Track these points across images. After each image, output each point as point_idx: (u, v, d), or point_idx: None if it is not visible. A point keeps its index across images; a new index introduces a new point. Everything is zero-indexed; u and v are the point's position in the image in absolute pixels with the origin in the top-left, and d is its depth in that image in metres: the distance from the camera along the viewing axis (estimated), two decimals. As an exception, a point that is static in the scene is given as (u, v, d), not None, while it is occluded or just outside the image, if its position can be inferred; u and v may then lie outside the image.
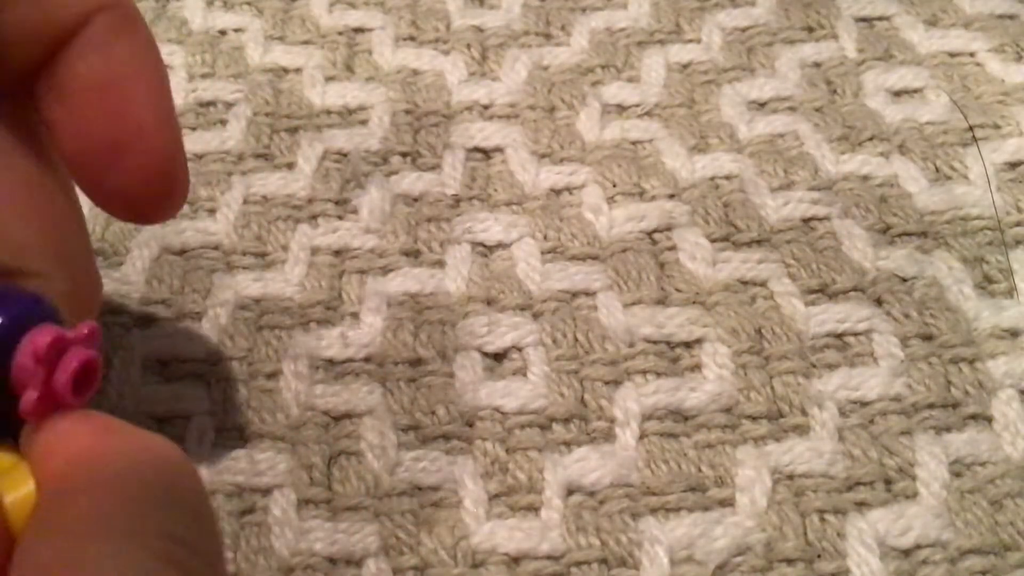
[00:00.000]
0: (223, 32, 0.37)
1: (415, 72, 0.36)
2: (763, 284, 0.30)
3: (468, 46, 0.37)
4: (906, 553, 0.25)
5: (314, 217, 0.32)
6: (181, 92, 0.35)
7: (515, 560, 0.25)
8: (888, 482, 0.26)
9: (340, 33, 0.37)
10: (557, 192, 0.33)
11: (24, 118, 0.21)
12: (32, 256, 0.19)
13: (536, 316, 0.29)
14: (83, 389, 0.18)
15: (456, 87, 0.36)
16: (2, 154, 0.20)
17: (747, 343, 0.29)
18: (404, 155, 0.33)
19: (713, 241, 0.31)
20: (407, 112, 0.35)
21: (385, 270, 0.30)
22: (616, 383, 0.28)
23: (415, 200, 0.32)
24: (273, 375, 0.28)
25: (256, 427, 0.27)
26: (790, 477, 0.26)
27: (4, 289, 0.18)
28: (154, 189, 0.21)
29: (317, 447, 0.27)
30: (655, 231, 0.31)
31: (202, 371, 0.28)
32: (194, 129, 0.34)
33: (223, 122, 0.34)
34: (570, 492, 0.26)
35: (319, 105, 0.35)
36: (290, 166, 0.33)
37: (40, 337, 0.17)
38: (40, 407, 0.17)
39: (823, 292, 0.30)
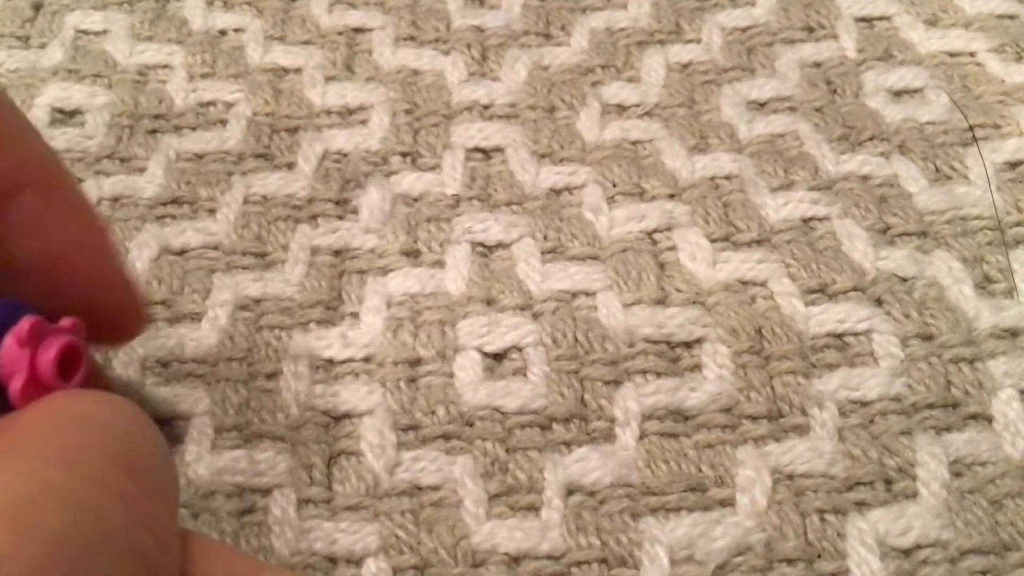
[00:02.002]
0: (223, 32, 0.37)
1: (415, 72, 0.36)
2: (763, 284, 0.30)
3: (468, 46, 0.37)
4: (906, 553, 0.25)
5: (314, 217, 0.32)
6: (181, 92, 0.35)
7: (515, 560, 0.25)
8: (888, 482, 0.26)
9: (340, 33, 0.37)
10: (557, 192, 0.33)
11: None
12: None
13: (536, 316, 0.29)
14: (68, 374, 0.19)
15: (456, 87, 0.36)
16: None
17: (747, 343, 0.29)
18: (404, 155, 0.33)
19: (713, 241, 0.31)
20: (407, 112, 0.35)
21: (385, 270, 0.30)
22: (616, 383, 0.28)
23: (415, 200, 0.32)
24: (273, 375, 0.28)
25: (256, 427, 0.27)
26: (790, 477, 0.26)
27: None
28: (112, 329, 0.22)
29: (317, 447, 0.27)
30: (655, 231, 0.31)
31: (202, 371, 0.28)
32: (194, 129, 0.34)
33: (223, 122, 0.34)
34: (570, 492, 0.26)
35: (319, 105, 0.35)
36: (290, 166, 0.33)
37: (22, 324, 0.18)
38: (27, 393, 0.18)
39: (823, 292, 0.30)
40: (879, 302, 0.30)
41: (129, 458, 0.17)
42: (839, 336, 0.29)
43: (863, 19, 0.38)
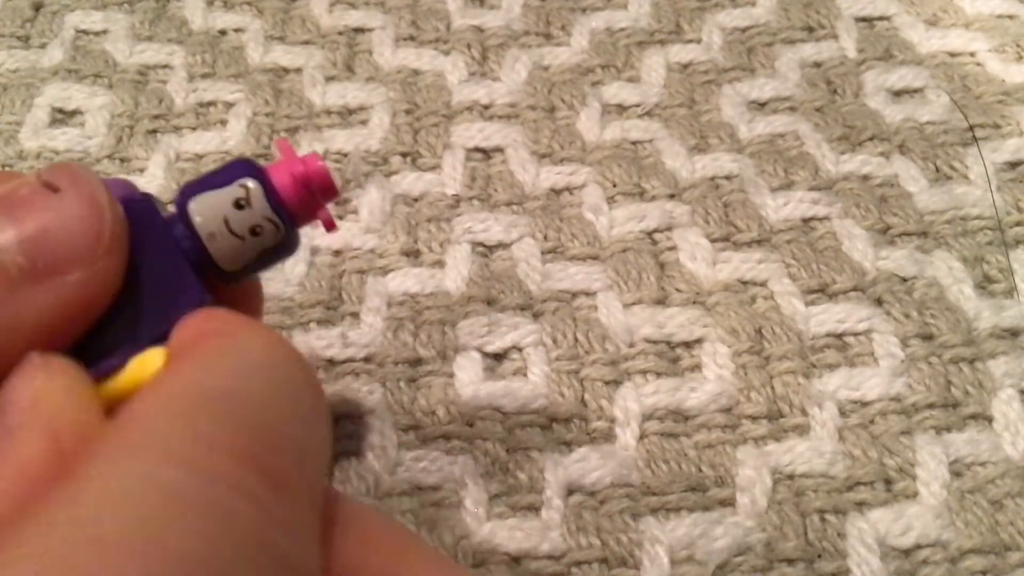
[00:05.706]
0: (223, 32, 0.37)
1: (415, 72, 0.36)
2: (763, 284, 0.30)
3: (468, 46, 0.37)
4: (906, 553, 0.25)
5: (314, 217, 0.32)
6: (181, 92, 0.35)
7: (516, 560, 0.25)
8: (888, 482, 0.26)
9: (340, 33, 0.37)
10: (557, 192, 0.33)
11: None
12: None
13: (536, 316, 0.29)
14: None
15: (456, 87, 0.36)
16: None
17: (747, 343, 0.29)
18: (404, 155, 0.33)
19: (713, 241, 0.31)
20: (407, 112, 0.35)
21: (385, 270, 0.30)
22: (616, 383, 0.28)
23: (415, 200, 0.32)
24: (273, 375, 0.28)
25: (256, 427, 0.27)
26: (790, 477, 0.26)
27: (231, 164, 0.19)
28: None
29: (317, 447, 0.27)
30: (655, 231, 0.31)
31: (202, 371, 0.28)
32: (194, 129, 0.34)
33: (223, 122, 0.34)
34: (570, 492, 0.26)
35: (319, 105, 0.35)
36: (290, 166, 0.33)
37: (281, 141, 0.20)
38: (300, 189, 0.19)
39: (823, 292, 0.30)
40: (879, 302, 0.30)
41: (267, 440, 0.14)
42: (839, 336, 0.29)
43: (863, 19, 0.38)
